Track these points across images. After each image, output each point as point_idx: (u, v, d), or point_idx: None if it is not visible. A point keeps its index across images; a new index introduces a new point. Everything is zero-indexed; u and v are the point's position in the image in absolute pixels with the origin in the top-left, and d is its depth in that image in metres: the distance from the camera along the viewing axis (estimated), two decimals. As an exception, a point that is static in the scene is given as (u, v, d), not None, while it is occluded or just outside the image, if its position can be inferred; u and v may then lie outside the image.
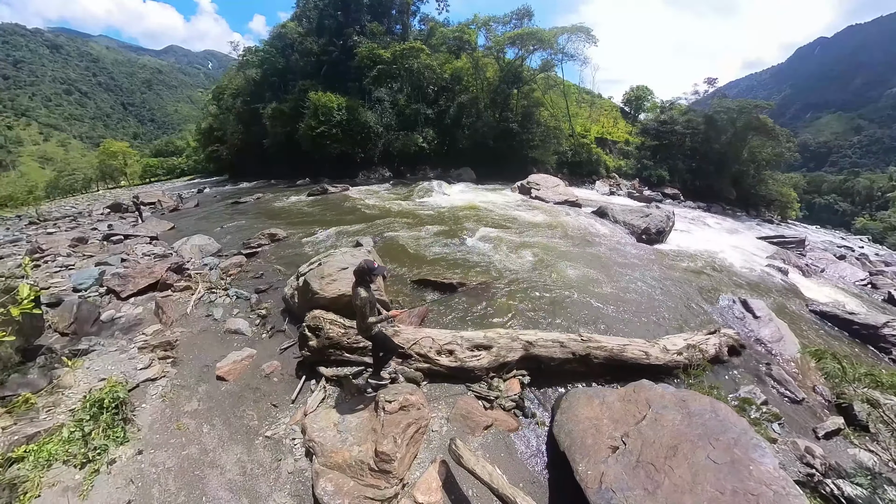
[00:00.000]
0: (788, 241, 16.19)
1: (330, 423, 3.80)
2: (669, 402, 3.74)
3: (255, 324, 5.88)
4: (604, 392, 4.12)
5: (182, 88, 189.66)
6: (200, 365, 5.05)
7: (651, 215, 13.11)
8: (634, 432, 3.43)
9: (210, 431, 4.05)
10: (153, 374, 4.80)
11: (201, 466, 3.66)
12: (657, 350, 4.97)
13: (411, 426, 3.66)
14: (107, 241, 12.70)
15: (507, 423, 4.09)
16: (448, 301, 6.25)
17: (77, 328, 6.00)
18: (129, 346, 5.49)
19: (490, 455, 3.72)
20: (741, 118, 29.10)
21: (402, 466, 3.39)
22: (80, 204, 30.66)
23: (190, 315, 6.18)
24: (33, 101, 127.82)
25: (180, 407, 4.38)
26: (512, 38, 26.65)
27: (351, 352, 4.66)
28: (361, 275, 3.78)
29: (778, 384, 5.21)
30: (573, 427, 3.58)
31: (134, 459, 3.70)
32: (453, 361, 4.56)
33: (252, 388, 4.65)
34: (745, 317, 6.85)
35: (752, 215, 29.26)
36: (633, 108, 45.43)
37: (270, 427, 4.10)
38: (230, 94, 38.52)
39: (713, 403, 3.71)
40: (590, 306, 6.37)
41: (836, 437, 4.51)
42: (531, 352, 4.70)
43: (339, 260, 6.01)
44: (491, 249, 8.90)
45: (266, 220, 13.49)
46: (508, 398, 4.36)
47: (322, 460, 3.46)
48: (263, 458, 3.73)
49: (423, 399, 4.08)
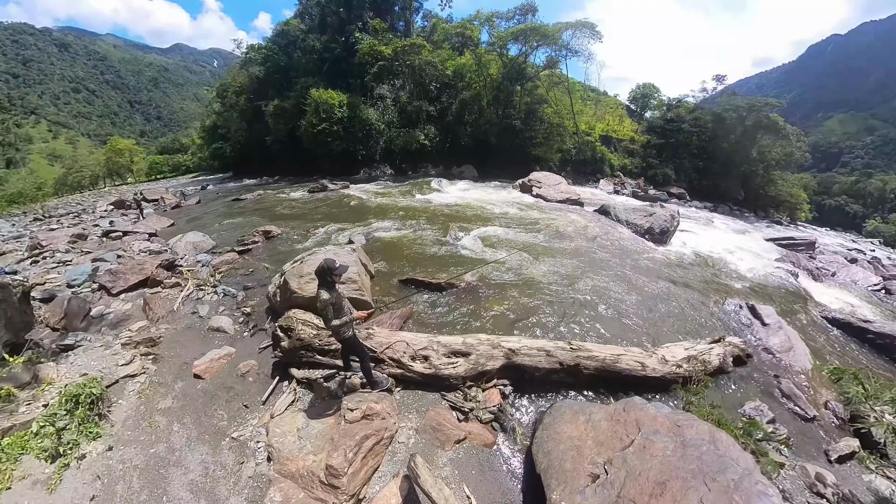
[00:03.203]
0: (798, 243, 15.73)
1: (293, 428, 3.62)
2: (662, 426, 3.32)
3: (239, 322, 5.77)
4: (591, 408, 3.76)
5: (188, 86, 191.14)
6: (180, 362, 4.96)
7: (655, 214, 12.79)
8: (619, 460, 3.03)
9: (180, 430, 3.98)
10: (133, 371, 4.73)
11: (167, 465, 3.62)
12: (655, 361, 4.61)
13: (370, 438, 3.41)
14: (106, 237, 12.73)
15: (483, 437, 3.78)
16: (434, 302, 6.01)
17: (67, 323, 6.00)
18: (113, 342, 5.43)
19: (459, 472, 3.43)
20: (751, 116, 28.48)
21: (353, 482, 3.14)
22: (86, 200, 31.01)
23: (177, 312, 6.10)
24: (42, 100, 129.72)
25: (155, 404, 4.31)
26: (515, 34, 26.31)
27: (323, 354, 4.46)
28: (322, 275, 3.54)
29: (787, 399, 4.85)
30: (553, 447, 3.26)
31: (104, 455, 3.69)
32: (428, 368, 4.29)
33: (227, 387, 4.53)
34: (752, 323, 6.47)
35: (761, 216, 28.65)
36: (639, 106, 44.71)
37: (238, 428, 3.97)
38: (234, 92, 38.57)
39: (713, 433, 3.25)
40: (586, 310, 6.06)
41: (850, 461, 4.11)
42: (513, 360, 4.38)
43: (321, 258, 5.84)
44: (486, 249, 8.67)
45: (263, 217, 13.39)
46: (486, 410, 4.05)
47: (277, 467, 3.31)
48: (227, 460, 3.63)
49: (391, 408, 3.84)
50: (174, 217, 15.13)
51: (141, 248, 10.42)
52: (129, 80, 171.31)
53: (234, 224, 12.64)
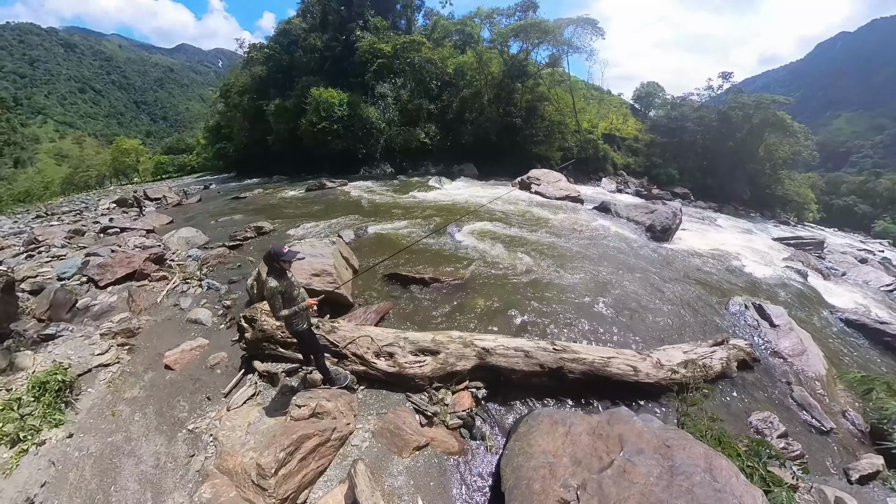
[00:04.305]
0: (806, 242, 15.34)
1: (244, 423, 3.46)
2: (648, 444, 2.83)
3: (218, 314, 5.73)
4: (573, 419, 3.33)
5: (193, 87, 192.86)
6: (154, 353, 4.90)
7: (656, 211, 12.52)
8: (594, 485, 2.58)
9: (141, 420, 3.92)
10: (107, 360, 4.70)
11: (120, 455, 3.60)
12: (648, 365, 4.25)
13: (312, 438, 3.16)
14: (103, 233, 12.78)
15: (447, 444, 3.46)
16: (417, 298, 5.81)
17: (52, 314, 6.01)
18: (94, 332, 5.41)
19: (415, 483, 3.15)
20: (757, 114, 27.96)
21: (285, 485, 2.91)
22: (90, 199, 31.38)
23: (160, 304, 6.07)
24: (49, 100, 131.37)
25: (122, 393, 4.25)
26: (515, 30, 26.07)
27: (286, 347, 4.28)
28: (269, 261, 3.32)
29: (800, 409, 4.41)
30: (523, 462, 2.88)
31: (63, 442, 3.70)
32: (391, 366, 4.01)
33: (194, 378, 4.44)
34: (759, 325, 6.08)
35: (767, 216, 28.11)
36: (643, 105, 44.30)
37: (196, 420, 3.87)
38: (237, 92, 38.73)
39: (711, 458, 2.68)
40: (578, 309, 5.79)
41: (873, 482, 3.67)
42: (487, 361, 4.03)
43: (298, 249, 5.70)
44: (477, 245, 8.46)
45: (260, 214, 13.34)
46: (454, 414, 3.74)
47: (217, 462, 3.15)
48: (179, 453, 3.54)
49: (347, 407, 3.59)
50: (174, 215, 15.17)
51: (136, 243, 10.43)
52: (135, 80, 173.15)
53: (230, 221, 12.60)
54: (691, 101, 35.86)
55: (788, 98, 30.43)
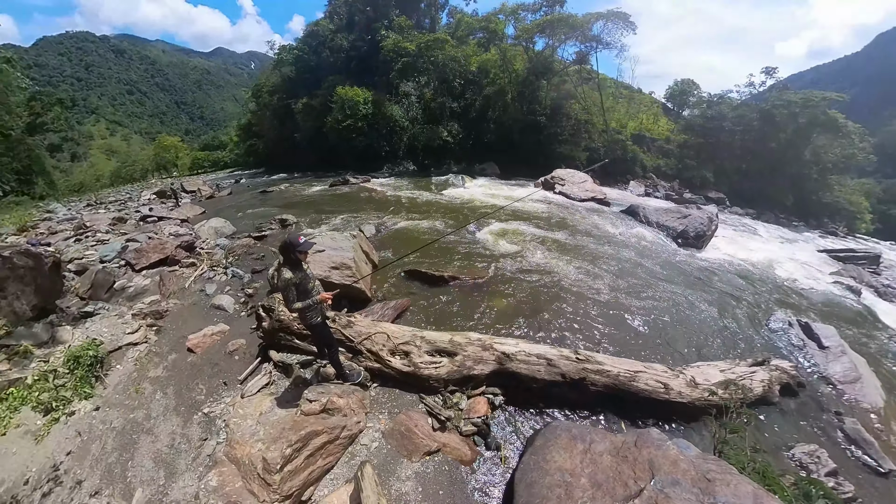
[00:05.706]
0: (859, 256, 13.90)
1: (256, 412, 3.45)
2: (685, 475, 2.49)
3: (240, 301, 5.91)
4: (592, 435, 3.05)
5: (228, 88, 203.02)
6: (178, 335, 5.08)
7: (690, 216, 11.79)
8: None
9: (161, 399, 4.05)
10: (136, 339, 4.94)
11: (139, 432, 3.71)
12: (681, 383, 3.87)
13: (321, 435, 3.08)
14: (143, 221, 13.66)
15: (460, 451, 3.28)
16: (436, 296, 5.71)
17: (93, 293, 6.49)
18: (126, 312, 5.75)
19: (423, 490, 3.01)
20: (805, 113, 25.79)
21: (290, 482, 2.85)
22: (134, 190, 33.84)
23: (187, 289, 6.36)
24: (101, 101, 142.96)
25: (147, 372, 4.43)
26: (541, 25, 25.37)
27: (301, 338, 4.25)
28: (286, 251, 3.23)
29: (852, 444, 3.94)
30: (538, 478, 2.66)
31: (90, 415, 3.86)
32: (406, 365, 3.88)
33: (213, 363, 4.55)
34: (805, 345, 5.55)
35: (812, 225, 25.87)
36: (676, 104, 42.06)
37: (212, 404, 3.95)
38: (267, 92, 40.45)
39: (760, 498, 2.31)
40: (602, 316, 5.48)
41: None
42: (507, 366, 3.82)
43: (317, 242, 5.73)
44: (498, 245, 8.28)
45: (285, 207, 13.77)
46: (469, 420, 3.55)
47: (227, 449, 3.14)
48: (193, 435, 3.61)
49: (359, 405, 3.50)
50: (206, 206, 16.00)
51: (171, 231, 11.08)
52: (176, 82, 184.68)
53: (257, 213, 13.08)
54: (730, 98, 33.64)
55: (842, 95, 27.81)
